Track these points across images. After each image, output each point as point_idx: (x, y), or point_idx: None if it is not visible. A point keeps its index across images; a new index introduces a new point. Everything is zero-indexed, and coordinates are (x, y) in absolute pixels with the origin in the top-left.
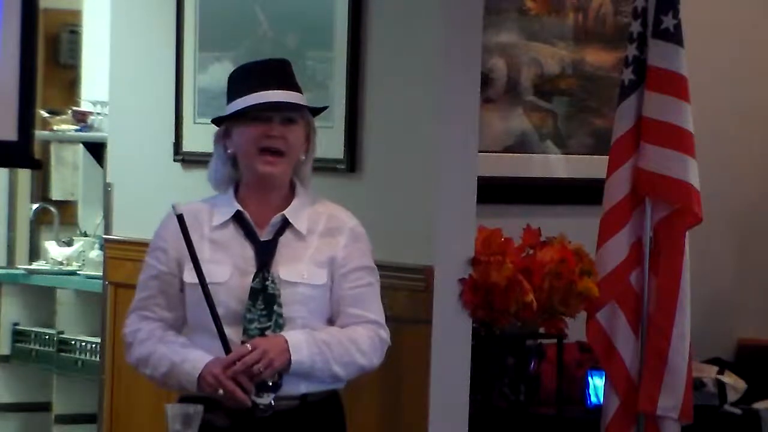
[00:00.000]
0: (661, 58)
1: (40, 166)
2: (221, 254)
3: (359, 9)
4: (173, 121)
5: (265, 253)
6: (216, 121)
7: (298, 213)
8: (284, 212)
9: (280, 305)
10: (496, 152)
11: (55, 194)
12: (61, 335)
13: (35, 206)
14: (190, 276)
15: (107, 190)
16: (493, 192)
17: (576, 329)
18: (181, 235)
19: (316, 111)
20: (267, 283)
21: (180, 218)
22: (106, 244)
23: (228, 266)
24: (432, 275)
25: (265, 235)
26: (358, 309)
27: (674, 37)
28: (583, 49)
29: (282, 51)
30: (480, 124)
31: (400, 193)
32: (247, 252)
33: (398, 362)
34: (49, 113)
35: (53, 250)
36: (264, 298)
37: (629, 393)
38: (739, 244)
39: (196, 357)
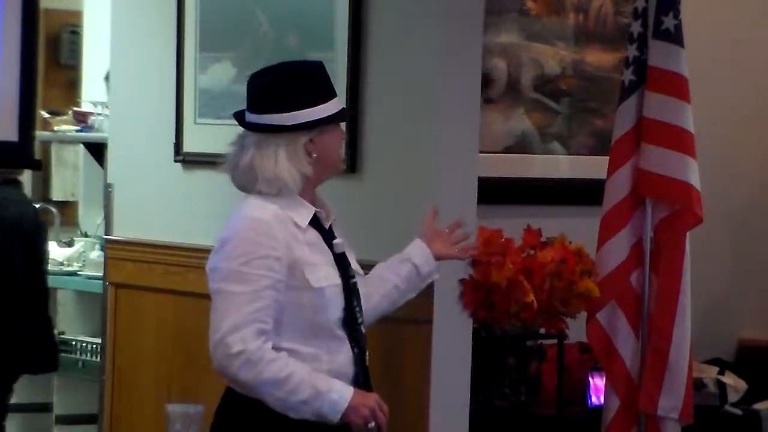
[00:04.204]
0: (662, 58)
1: (40, 167)
2: (321, 257)
3: (359, 9)
4: (174, 121)
5: (341, 252)
6: (308, 125)
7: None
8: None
9: (361, 299)
10: (496, 152)
11: (56, 195)
12: (61, 336)
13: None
14: (317, 279)
15: (108, 191)
16: (494, 192)
17: (576, 330)
18: (288, 242)
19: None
20: (355, 279)
21: (343, 255)
22: (107, 245)
23: (331, 267)
24: None
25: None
26: None
27: (675, 37)
28: (583, 50)
29: (282, 51)
30: (480, 124)
31: (400, 193)
32: (329, 252)
33: (398, 362)
34: (49, 114)
35: (54, 250)
36: (356, 295)
37: (630, 393)
38: (739, 245)
39: (340, 387)
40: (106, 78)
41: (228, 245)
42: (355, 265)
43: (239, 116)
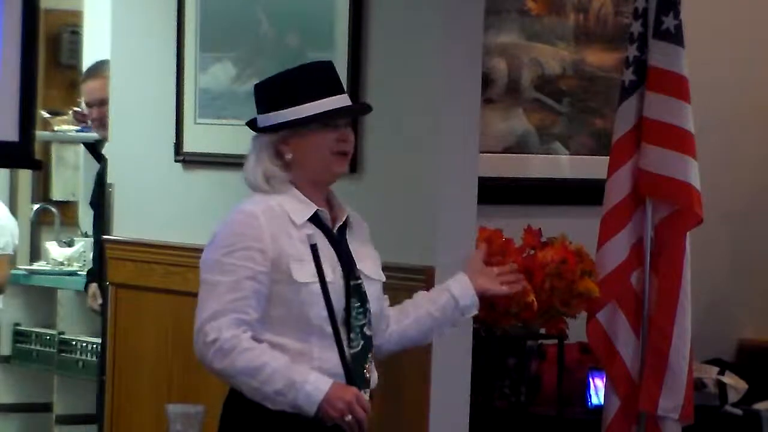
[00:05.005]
0: (662, 58)
1: (40, 167)
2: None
3: (360, 9)
4: (174, 121)
5: (347, 252)
6: (265, 129)
7: (351, 212)
8: (348, 212)
9: (368, 302)
10: (496, 152)
11: (56, 195)
12: (61, 336)
13: (36, 207)
14: (302, 275)
15: (108, 191)
16: (494, 192)
17: (576, 330)
18: (277, 236)
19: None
20: (359, 281)
21: (315, 248)
22: (107, 245)
23: (325, 265)
24: (433, 276)
25: (337, 234)
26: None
27: (675, 37)
28: (583, 50)
29: (282, 51)
30: (481, 124)
31: (400, 193)
32: (330, 251)
33: (399, 362)
34: (49, 114)
35: (54, 250)
36: (358, 296)
37: (630, 393)
38: (739, 245)
39: (316, 379)
40: (84, 80)
41: (216, 238)
42: (370, 268)
43: None
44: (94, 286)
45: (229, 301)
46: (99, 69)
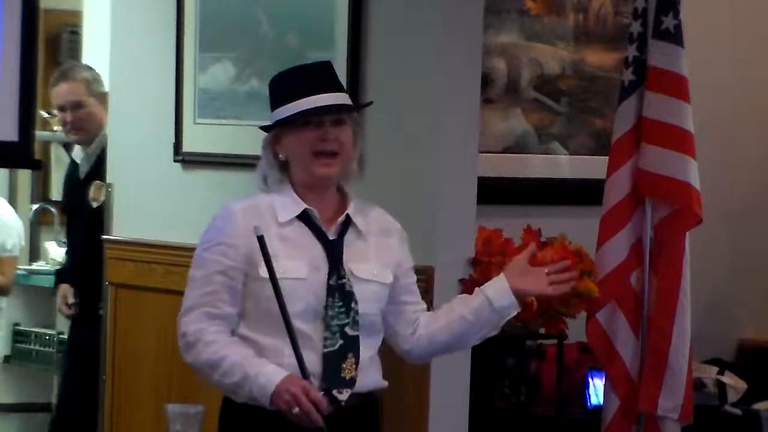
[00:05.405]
0: (662, 58)
1: (40, 167)
2: (294, 251)
3: (359, 9)
4: (173, 121)
5: (335, 251)
6: (265, 128)
7: (357, 212)
8: (348, 212)
9: (356, 302)
10: (496, 152)
11: (55, 195)
12: (61, 336)
13: (35, 207)
14: (265, 270)
15: (107, 191)
16: (494, 192)
17: (576, 330)
18: (250, 231)
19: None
20: (343, 280)
21: (261, 239)
22: (107, 245)
23: (303, 263)
24: (432, 276)
25: (331, 234)
26: (416, 297)
27: (674, 37)
28: (583, 50)
29: (282, 51)
30: (480, 124)
31: (400, 193)
32: (317, 249)
33: (398, 362)
34: (49, 114)
35: (53, 250)
36: (341, 295)
37: (629, 393)
38: (739, 245)
39: (271, 371)
40: (55, 83)
41: (202, 235)
42: (365, 269)
43: None
44: (64, 287)
45: (200, 296)
46: (70, 72)
